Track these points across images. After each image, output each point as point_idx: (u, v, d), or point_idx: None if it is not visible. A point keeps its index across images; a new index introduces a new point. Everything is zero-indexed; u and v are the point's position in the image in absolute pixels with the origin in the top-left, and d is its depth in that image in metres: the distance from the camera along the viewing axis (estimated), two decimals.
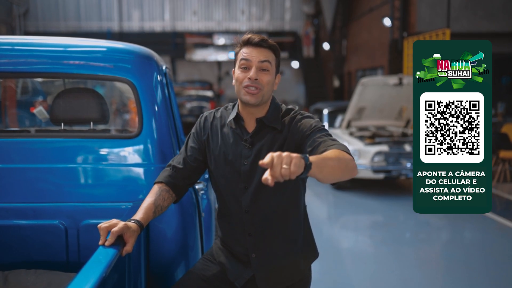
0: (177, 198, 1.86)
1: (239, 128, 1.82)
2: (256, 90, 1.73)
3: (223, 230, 1.92)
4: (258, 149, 1.79)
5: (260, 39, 1.75)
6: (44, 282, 1.90)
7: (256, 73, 1.73)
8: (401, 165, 7.14)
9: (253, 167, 1.78)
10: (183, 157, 1.88)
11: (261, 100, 1.75)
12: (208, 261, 1.92)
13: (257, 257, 1.84)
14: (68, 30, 22.74)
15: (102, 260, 1.40)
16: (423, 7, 11.81)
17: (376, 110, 8.25)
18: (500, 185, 7.94)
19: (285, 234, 1.86)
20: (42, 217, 2.04)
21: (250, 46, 1.76)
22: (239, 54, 1.78)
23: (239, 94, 1.77)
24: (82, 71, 2.14)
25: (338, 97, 19.28)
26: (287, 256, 1.87)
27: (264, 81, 1.74)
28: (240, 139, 1.81)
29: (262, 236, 1.83)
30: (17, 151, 2.13)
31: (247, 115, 1.82)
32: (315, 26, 23.58)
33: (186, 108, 15.96)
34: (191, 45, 23.57)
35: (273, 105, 1.84)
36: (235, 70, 1.80)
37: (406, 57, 11.74)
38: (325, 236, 5.59)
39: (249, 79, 1.72)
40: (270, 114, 1.81)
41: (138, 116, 2.16)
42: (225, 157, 1.82)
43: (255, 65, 1.73)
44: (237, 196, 1.81)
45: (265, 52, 1.75)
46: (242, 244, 1.85)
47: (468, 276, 4.35)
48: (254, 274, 1.86)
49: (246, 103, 1.75)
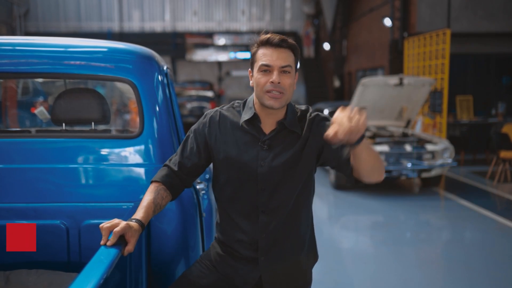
0: (173, 197, 1.85)
1: (255, 129, 1.78)
2: (279, 94, 1.70)
3: (228, 235, 1.86)
4: (276, 152, 1.76)
5: (280, 40, 1.70)
6: (46, 282, 1.91)
7: (278, 76, 1.69)
8: (401, 165, 7.14)
9: (270, 169, 1.76)
10: (179, 160, 1.84)
11: (285, 103, 1.73)
12: (205, 267, 1.88)
13: (265, 259, 1.82)
14: (68, 31, 22.74)
15: (104, 260, 1.40)
16: (423, 7, 11.81)
17: (376, 110, 8.24)
18: (501, 185, 7.94)
19: (296, 235, 1.85)
20: (43, 217, 2.04)
21: (269, 46, 1.70)
22: (257, 56, 1.73)
23: (261, 99, 1.72)
24: (83, 72, 2.15)
25: (338, 97, 19.28)
26: (295, 258, 1.86)
27: (287, 84, 1.70)
28: (257, 140, 1.77)
29: (274, 237, 1.81)
30: (18, 151, 2.13)
31: (265, 116, 1.78)
32: (316, 26, 23.58)
33: (186, 109, 15.97)
34: (192, 45, 23.57)
35: (290, 107, 1.81)
36: (253, 73, 1.75)
37: (406, 57, 11.74)
38: (326, 236, 5.59)
39: (272, 83, 1.68)
40: (289, 117, 1.78)
41: (139, 116, 2.16)
42: (238, 158, 1.77)
43: (277, 69, 1.69)
44: (252, 197, 1.78)
45: (285, 53, 1.71)
46: (251, 246, 1.82)
47: (469, 276, 4.35)
48: (261, 276, 1.84)
49: (270, 107, 1.71)
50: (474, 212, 6.41)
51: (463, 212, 6.49)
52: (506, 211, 6.52)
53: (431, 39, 10.28)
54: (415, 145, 7.27)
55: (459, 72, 12.20)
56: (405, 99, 8.13)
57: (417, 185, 8.13)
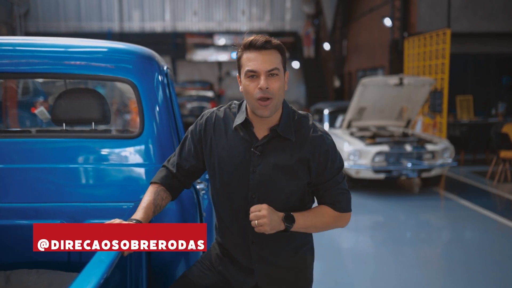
0: (173, 198, 1.84)
1: (248, 134, 1.73)
2: (268, 100, 1.63)
3: (224, 239, 1.86)
4: (268, 158, 1.71)
5: (264, 41, 1.62)
6: (46, 282, 1.91)
7: (265, 81, 1.62)
8: (401, 165, 7.14)
9: (261, 175, 1.71)
10: (177, 162, 1.83)
11: (275, 109, 1.66)
12: (205, 267, 1.87)
13: (259, 266, 1.80)
14: (68, 31, 22.74)
15: (104, 260, 1.40)
16: (423, 7, 11.81)
17: (376, 110, 8.25)
18: (501, 185, 7.94)
19: (288, 241, 1.81)
20: (43, 217, 2.04)
21: (253, 50, 1.63)
22: (242, 61, 1.66)
23: (252, 107, 1.67)
24: (83, 72, 2.15)
25: (338, 97, 19.28)
26: (289, 263, 1.84)
27: (275, 88, 1.63)
28: (249, 146, 1.72)
29: (266, 245, 1.78)
30: (18, 151, 2.13)
31: (258, 121, 1.72)
32: (316, 26, 23.57)
33: (186, 109, 15.96)
34: (192, 45, 23.56)
35: (285, 111, 1.74)
36: (241, 78, 1.68)
37: (406, 57, 11.74)
38: (326, 237, 5.59)
39: (260, 89, 1.62)
40: (283, 123, 1.71)
41: (139, 116, 2.16)
42: (231, 163, 1.73)
43: (264, 74, 1.62)
44: (242, 203, 1.74)
45: (271, 55, 1.63)
46: (245, 253, 1.80)
47: (469, 276, 4.35)
48: (257, 283, 1.83)
49: (260, 116, 1.66)
50: (474, 212, 6.41)
51: (463, 212, 6.49)
52: (506, 211, 6.52)
53: (431, 39, 10.27)
54: (415, 145, 7.27)
55: (459, 72, 12.20)
56: (405, 99, 8.13)
57: (417, 185, 8.13)
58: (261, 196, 1.72)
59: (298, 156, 1.72)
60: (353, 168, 7.15)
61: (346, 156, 7.16)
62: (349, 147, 7.21)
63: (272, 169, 1.71)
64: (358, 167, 7.12)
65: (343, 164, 1.82)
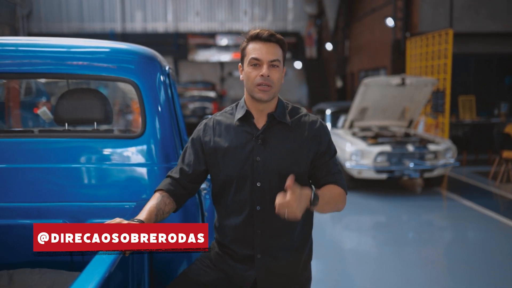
0: (177, 207, 1.86)
1: (249, 125, 1.84)
2: (268, 87, 1.77)
3: (227, 234, 1.88)
4: (270, 145, 1.81)
5: (269, 34, 1.78)
6: (48, 281, 1.91)
7: (267, 70, 1.76)
8: (404, 166, 7.13)
9: (266, 163, 1.80)
10: (180, 167, 1.88)
11: (273, 96, 1.80)
12: (205, 265, 1.90)
13: (262, 257, 1.83)
14: (71, 31, 22.80)
15: (106, 259, 1.41)
16: (426, 7, 11.79)
17: (378, 110, 8.24)
18: (503, 185, 7.92)
19: (292, 231, 1.85)
20: (46, 216, 2.05)
21: (259, 41, 1.78)
22: (247, 50, 1.80)
23: (251, 92, 1.80)
24: (85, 72, 2.16)
25: (340, 97, 19.28)
26: (291, 255, 1.87)
27: (275, 78, 1.78)
28: (251, 137, 1.82)
29: (270, 233, 1.82)
30: (21, 151, 2.14)
31: (257, 112, 1.85)
32: (318, 27, 23.56)
33: (189, 109, 15.98)
34: (194, 45, 23.58)
35: (280, 101, 1.89)
36: (243, 67, 1.82)
37: (408, 57, 11.72)
38: (328, 237, 5.59)
39: (262, 77, 1.76)
40: (279, 110, 1.86)
41: (141, 116, 2.17)
42: (235, 157, 1.81)
43: (266, 63, 1.76)
44: (248, 193, 1.81)
45: (274, 47, 1.78)
46: (249, 244, 1.83)
47: (471, 276, 4.34)
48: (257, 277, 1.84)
49: (259, 100, 1.79)
50: (477, 212, 6.40)
51: (465, 212, 6.48)
52: (509, 211, 6.50)
53: (433, 39, 10.26)
54: (417, 145, 7.26)
55: (462, 72, 12.18)
56: (407, 99, 8.12)
57: (419, 185, 8.12)
58: (267, 182, 1.80)
59: (298, 140, 1.84)
60: (355, 168, 7.15)
61: (348, 156, 7.16)
62: (351, 147, 7.21)
63: (275, 155, 1.80)
64: (360, 167, 7.12)
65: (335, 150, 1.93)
